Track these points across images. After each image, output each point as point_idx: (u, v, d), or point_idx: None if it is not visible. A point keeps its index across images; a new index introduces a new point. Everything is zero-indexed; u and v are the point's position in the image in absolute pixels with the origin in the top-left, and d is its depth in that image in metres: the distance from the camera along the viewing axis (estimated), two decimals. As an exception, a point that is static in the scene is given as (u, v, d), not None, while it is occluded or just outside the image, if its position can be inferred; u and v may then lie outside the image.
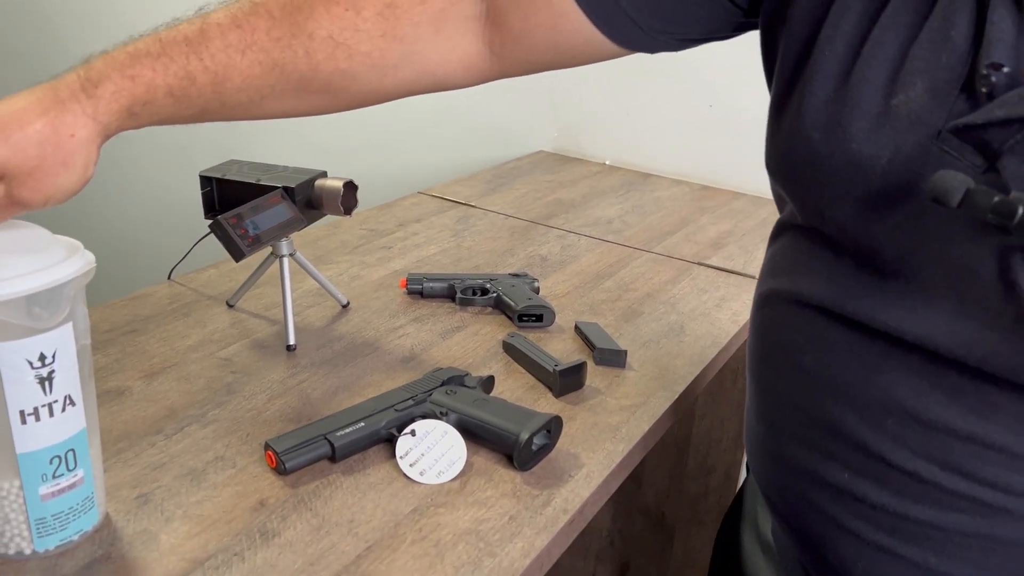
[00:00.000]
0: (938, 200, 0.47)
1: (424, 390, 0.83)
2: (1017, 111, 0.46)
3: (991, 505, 0.53)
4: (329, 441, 0.76)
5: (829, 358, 0.58)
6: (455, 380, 0.85)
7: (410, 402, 0.81)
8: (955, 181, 0.46)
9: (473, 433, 0.79)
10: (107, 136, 0.64)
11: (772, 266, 0.66)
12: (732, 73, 1.65)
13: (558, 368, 0.89)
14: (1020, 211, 0.44)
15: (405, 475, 0.75)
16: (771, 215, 1.52)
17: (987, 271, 0.49)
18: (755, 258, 1.31)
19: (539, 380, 0.92)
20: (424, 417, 0.80)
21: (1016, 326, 0.49)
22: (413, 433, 0.77)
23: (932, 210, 0.49)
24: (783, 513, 0.66)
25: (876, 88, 0.52)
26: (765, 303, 0.65)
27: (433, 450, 0.76)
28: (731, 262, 1.29)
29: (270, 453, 0.75)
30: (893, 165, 0.51)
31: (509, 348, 0.97)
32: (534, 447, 0.78)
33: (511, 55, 0.71)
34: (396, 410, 0.80)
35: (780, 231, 0.66)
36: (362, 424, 0.78)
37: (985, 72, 0.47)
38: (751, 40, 0.97)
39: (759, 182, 1.62)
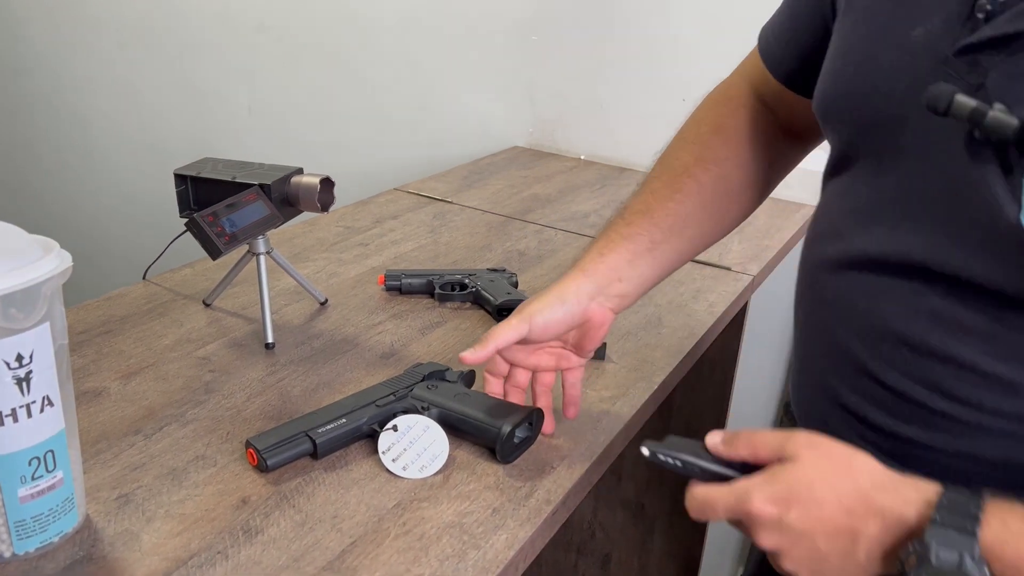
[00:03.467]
0: (930, 107, 0.53)
1: (405, 385, 0.83)
2: (1003, 29, 0.53)
3: (968, 423, 0.58)
4: (311, 438, 0.76)
5: (842, 289, 0.66)
6: (436, 375, 0.86)
7: (391, 398, 0.81)
8: (944, 90, 0.53)
9: (455, 427, 0.79)
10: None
11: (812, 219, 0.75)
12: (704, 67, 1.66)
13: None
14: (989, 115, 0.51)
15: (388, 470, 0.75)
16: (745, 207, 1.54)
17: (969, 185, 0.55)
18: (729, 250, 1.32)
19: None
20: (406, 412, 0.80)
21: (991, 240, 0.54)
22: (395, 428, 0.77)
23: (934, 129, 0.56)
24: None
25: (900, 22, 0.61)
26: (804, 248, 0.74)
27: (415, 445, 0.76)
28: (706, 254, 1.29)
29: (251, 451, 0.74)
30: (909, 91, 0.58)
31: None
32: (516, 439, 0.78)
33: None
34: (377, 406, 0.80)
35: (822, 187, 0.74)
36: (343, 420, 0.78)
37: (982, 0, 0.55)
38: (722, 33, 0.99)
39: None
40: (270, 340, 0.96)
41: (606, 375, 0.94)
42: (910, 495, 0.51)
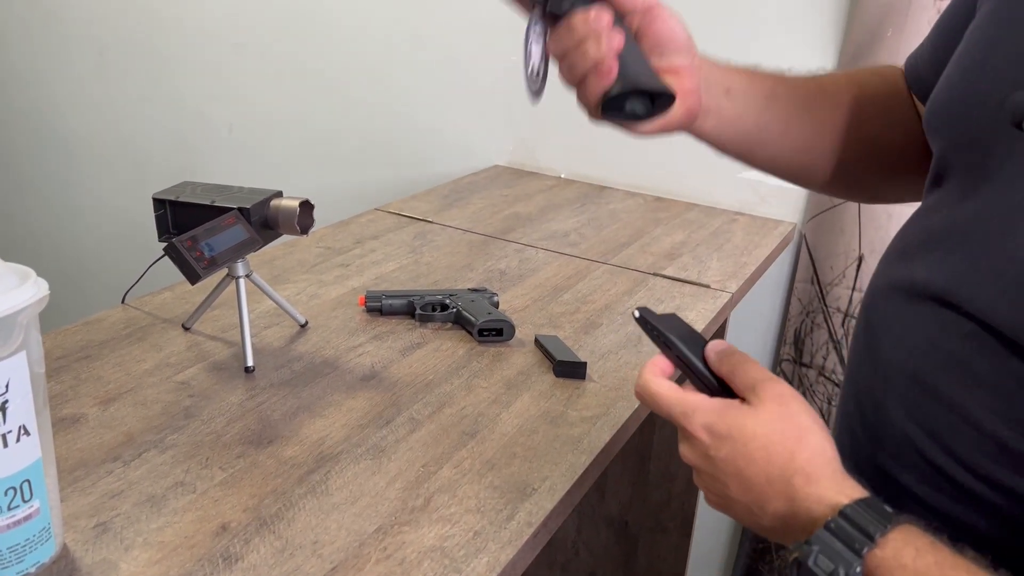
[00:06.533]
0: (1010, 116, 0.49)
1: None
2: None
3: (962, 485, 0.53)
4: None
5: (885, 313, 0.60)
6: None
7: None
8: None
9: None
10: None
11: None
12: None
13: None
14: None
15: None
16: (723, 225, 1.55)
17: (1018, 213, 0.49)
18: (709, 268, 1.33)
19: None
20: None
21: (1018, 280, 0.49)
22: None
23: (1019, 149, 0.50)
24: None
25: (1017, 28, 0.54)
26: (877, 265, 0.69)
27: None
28: (686, 272, 1.31)
29: None
30: (1006, 102, 0.52)
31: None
32: (627, 107, 0.67)
33: None
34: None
35: None
36: None
37: None
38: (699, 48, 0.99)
39: (711, 193, 1.66)
40: (250, 364, 0.95)
41: (587, 395, 0.94)
42: (827, 494, 0.49)
